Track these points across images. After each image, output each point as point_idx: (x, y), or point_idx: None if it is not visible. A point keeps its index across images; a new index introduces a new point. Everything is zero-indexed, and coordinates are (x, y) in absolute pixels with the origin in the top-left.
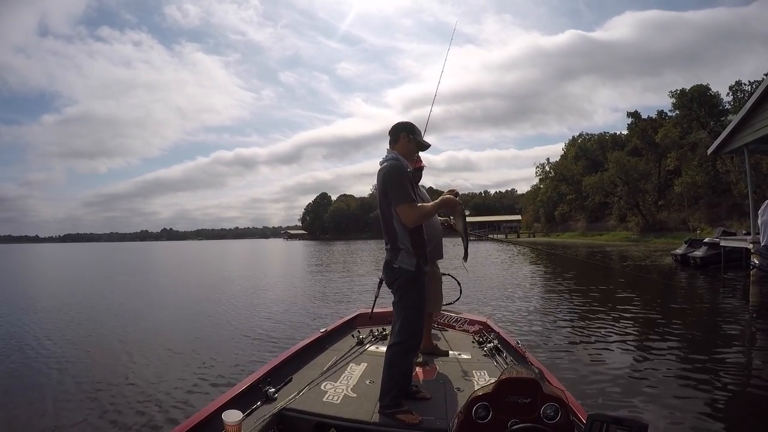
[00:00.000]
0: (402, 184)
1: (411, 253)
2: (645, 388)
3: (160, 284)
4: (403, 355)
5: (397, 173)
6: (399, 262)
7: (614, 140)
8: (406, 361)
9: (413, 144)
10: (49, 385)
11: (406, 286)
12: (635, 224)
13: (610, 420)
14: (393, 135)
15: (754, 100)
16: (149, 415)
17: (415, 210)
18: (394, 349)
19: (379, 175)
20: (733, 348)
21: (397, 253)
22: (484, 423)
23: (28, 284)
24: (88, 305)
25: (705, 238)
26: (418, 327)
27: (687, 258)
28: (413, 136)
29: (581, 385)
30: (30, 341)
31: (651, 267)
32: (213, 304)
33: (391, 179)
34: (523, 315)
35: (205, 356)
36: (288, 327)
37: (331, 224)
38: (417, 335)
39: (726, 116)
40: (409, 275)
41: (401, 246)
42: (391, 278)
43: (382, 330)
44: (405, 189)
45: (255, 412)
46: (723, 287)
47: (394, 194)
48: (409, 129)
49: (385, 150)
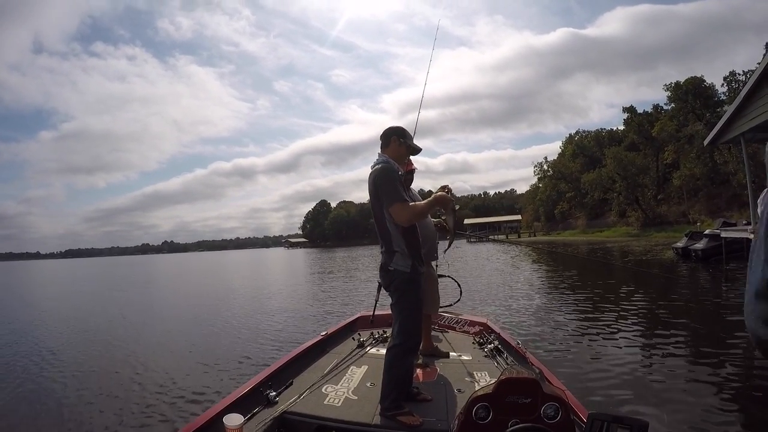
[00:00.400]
0: (392, 184)
1: (406, 255)
2: (646, 386)
3: (163, 295)
4: (402, 356)
5: (386, 175)
6: (394, 265)
7: (611, 136)
8: (405, 363)
9: (404, 147)
10: (54, 391)
11: (402, 287)
12: (635, 219)
13: (610, 419)
14: (384, 139)
15: (748, 89)
16: (152, 419)
17: (407, 209)
18: (394, 351)
19: (370, 178)
20: (735, 343)
21: (392, 255)
22: (485, 423)
23: (35, 300)
24: (93, 317)
25: (706, 231)
26: (417, 328)
27: (688, 251)
28: (404, 140)
29: (582, 385)
30: (36, 351)
31: (652, 261)
32: (215, 313)
33: (381, 181)
34: (523, 315)
35: (207, 361)
36: (289, 332)
37: (332, 231)
38: (415, 336)
39: (721, 107)
40: (405, 277)
41: (396, 248)
42: (388, 281)
43: (382, 332)
44: (396, 189)
45: (256, 416)
46: (725, 280)
47: (385, 195)
48: (400, 133)
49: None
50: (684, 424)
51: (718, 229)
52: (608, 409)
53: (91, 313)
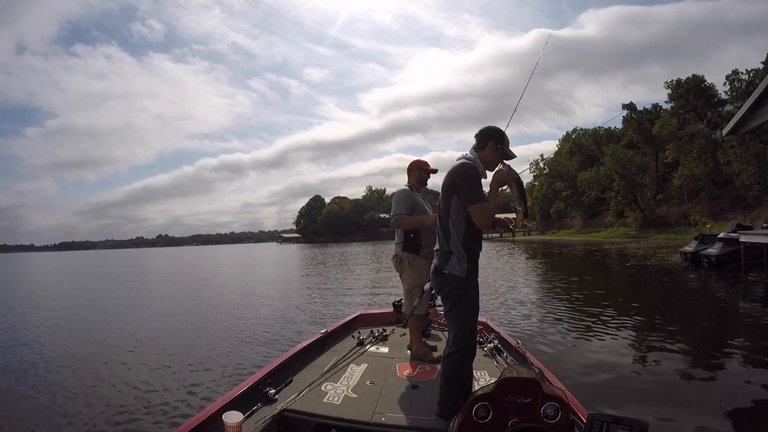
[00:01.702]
0: (477, 183)
1: (462, 258)
2: (646, 387)
3: (161, 290)
4: (460, 364)
5: (469, 173)
6: (449, 268)
7: (609, 134)
8: (464, 370)
9: (499, 154)
10: (51, 389)
11: (457, 294)
12: (634, 220)
13: (610, 419)
14: (480, 141)
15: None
16: (150, 417)
17: (487, 209)
18: (452, 358)
19: (449, 171)
20: (736, 346)
21: (447, 257)
22: (485, 423)
23: (38, 292)
24: (91, 312)
25: (720, 234)
26: (473, 335)
27: (698, 256)
28: (500, 146)
29: (582, 385)
30: (33, 346)
31: (657, 267)
32: (213, 309)
33: (461, 179)
34: (523, 314)
35: (206, 358)
36: (288, 329)
37: (325, 227)
38: (472, 343)
39: (723, 106)
40: (460, 282)
41: (452, 249)
42: (441, 285)
43: (382, 331)
44: (479, 189)
45: (255, 414)
46: (743, 293)
47: (466, 194)
48: (498, 138)
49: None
50: (684, 425)
51: (733, 233)
52: (608, 410)
53: (89, 308)
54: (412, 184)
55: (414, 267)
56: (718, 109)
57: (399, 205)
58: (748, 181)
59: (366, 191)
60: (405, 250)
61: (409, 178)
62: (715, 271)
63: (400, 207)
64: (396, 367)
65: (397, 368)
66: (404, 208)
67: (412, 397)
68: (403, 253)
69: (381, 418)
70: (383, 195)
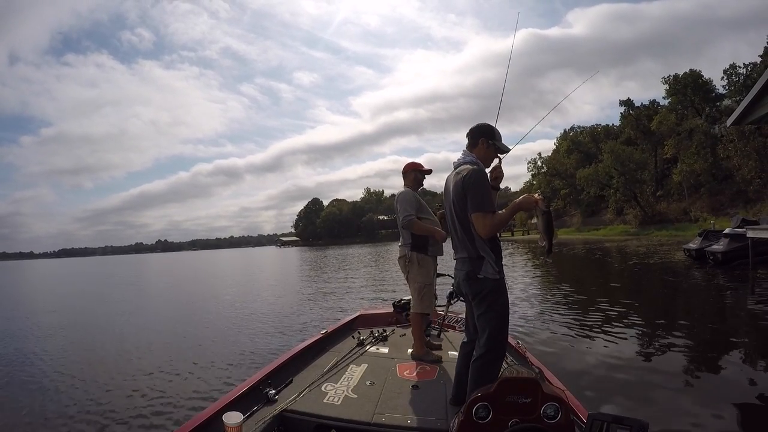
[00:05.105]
0: (486, 191)
1: (493, 260)
2: (646, 387)
3: (161, 294)
4: (493, 364)
5: (480, 179)
6: (483, 273)
7: (606, 132)
8: (495, 370)
9: (492, 149)
10: (53, 389)
11: (492, 297)
12: (633, 217)
13: (610, 419)
14: (471, 138)
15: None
16: (150, 418)
17: (493, 218)
18: (485, 359)
19: (458, 177)
20: (737, 346)
21: (480, 262)
22: (485, 423)
23: (38, 299)
24: (92, 317)
25: (725, 229)
26: (505, 336)
27: (703, 253)
28: (492, 142)
29: (582, 385)
30: (34, 349)
31: (660, 265)
32: (213, 310)
33: (472, 185)
34: (522, 314)
35: (206, 359)
36: (288, 329)
37: (324, 230)
38: (504, 344)
39: (721, 101)
40: (495, 285)
41: (482, 254)
42: (476, 290)
43: (382, 331)
44: (487, 197)
45: (256, 414)
46: (754, 289)
47: (475, 200)
48: (489, 134)
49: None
50: (684, 425)
51: (739, 228)
52: (608, 410)
53: (91, 312)
54: (409, 185)
55: (423, 266)
56: (716, 104)
57: (408, 207)
58: (749, 175)
59: (364, 193)
60: (414, 250)
61: (406, 181)
62: (721, 269)
63: (410, 209)
64: (396, 368)
65: (397, 368)
66: (413, 209)
67: (413, 397)
68: (411, 253)
69: (381, 419)
70: (381, 197)
